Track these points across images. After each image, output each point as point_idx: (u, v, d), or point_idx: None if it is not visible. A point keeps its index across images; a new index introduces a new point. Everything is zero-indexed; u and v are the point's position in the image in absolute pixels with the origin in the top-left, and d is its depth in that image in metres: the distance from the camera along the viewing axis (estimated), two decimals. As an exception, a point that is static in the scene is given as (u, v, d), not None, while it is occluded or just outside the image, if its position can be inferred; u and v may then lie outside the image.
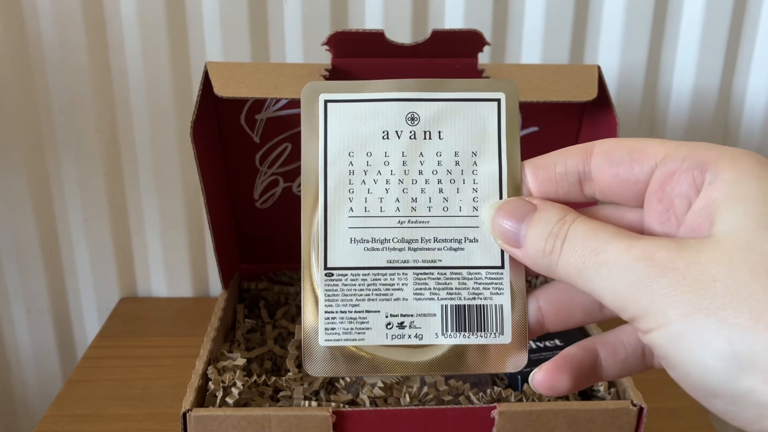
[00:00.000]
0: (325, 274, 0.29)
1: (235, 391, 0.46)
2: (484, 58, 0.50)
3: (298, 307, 0.60)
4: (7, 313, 0.74)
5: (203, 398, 0.45)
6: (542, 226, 0.26)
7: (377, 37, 0.47)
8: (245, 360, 0.49)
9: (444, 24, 0.67)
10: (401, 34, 0.66)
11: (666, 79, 0.71)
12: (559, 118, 0.56)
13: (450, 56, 0.49)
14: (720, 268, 0.22)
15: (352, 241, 0.29)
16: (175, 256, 0.73)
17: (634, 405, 0.42)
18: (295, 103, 0.55)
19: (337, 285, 0.29)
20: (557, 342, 0.52)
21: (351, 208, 0.29)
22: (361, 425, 0.42)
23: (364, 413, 0.42)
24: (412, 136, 0.29)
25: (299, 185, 0.59)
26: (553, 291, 0.29)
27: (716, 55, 0.69)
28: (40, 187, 0.70)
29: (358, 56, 0.49)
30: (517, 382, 0.49)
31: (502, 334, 0.29)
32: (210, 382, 0.46)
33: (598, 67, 0.49)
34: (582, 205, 0.29)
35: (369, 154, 0.29)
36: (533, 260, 0.27)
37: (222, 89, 0.47)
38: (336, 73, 0.49)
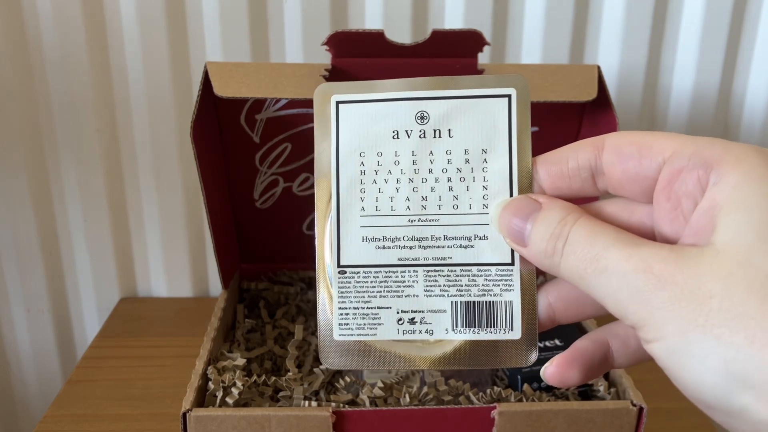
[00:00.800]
0: (339, 272, 0.29)
1: (235, 391, 0.46)
2: (484, 58, 0.51)
3: (298, 307, 0.60)
4: (7, 313, 0.74)
5: (203, 398, 0.45)
6: (545, 226, 0.26)
7: (377, 37, 0.47)
8: (245, 360, 0.49)
9: (444, 24, 0.67)
10: (401, 34, 0.66)
11: (666, 79, 0.71)
12: (559, 118, 0.56)
13: (450, 56, 0.49)
14: (718, 283, 0.22)
15: (364, 240, 0.29)
16: (175, 256, 0.73)
17: (634, 405, 0.42)
18: (295, 103, 0.55)
19: (350, 282, 0.29)
20: (557, 342, 0.52)
21: (363, 208, 0.29)
22: (361, 425, 0.42)
23: (364, 413, 0.42)
24: (422, 135, 0.29)
25: (299, 185, 0.59)
26: (563, 286, 0.29)
27: (716, 55, 0.69)
28: (40, 187, 0.70)
29: (358, 56, 0.49)
30: (517, 382, 0.49)
31: (512, 330, 0.29)
32: (210, 382, 0.46)
33: (598, 67, 0.49)
34: (593, 198, 0.29)
35: (380, 154, 0.30)
36: (537, 259, 0.27)
37: (222, 89, 0.47)
38: (336, 73, 0.49)
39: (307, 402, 0.46)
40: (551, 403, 0.42)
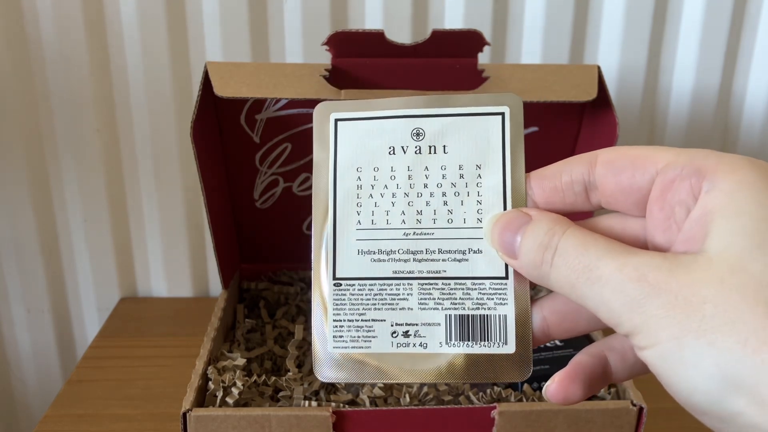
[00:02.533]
0: (334, 284, 0.30)
1: (235, 391, 0.46)
2: (484, 58, 0.51)
3: (298, 307, 0.60)
4: (7, 313, 0.74)
5: (203, 398, 0.45)
6: (533, 237, 0.27)
7: (377, 37, 0.47)
8: (245, 360, 0.49)
9: (444, 24, 0.67)
10: (401, 34, 0.66)
11: (666, 79, 0.71)
12: (559, 118, 0.56)
13: (450, 56, 0.49)
14: (711, 289, 0.22)
15: (360, 253, 0.30)
16: (175, 256, 0.73)
17: (634, 405, 0.42)
18: (295, 103, 0.55)
19: (344, 294, 0.30)
20: (557, 342, 0.52)
21: (359, 221, 0.30)
22: (361, 425, 0.42)
23: (364, 413, 0.42)
24: (418, 151, 0.30)
25: (299, 185, 0.59)
26: (557, 301, 0.29)
27: (716, 55, 0.69)
28: (40, 187, 0.70)
29: (358, 56, 0.49)
30: (517, 382, 0.49)
31: (506, 343, 0.29)
32: (210, 382, 0.46)
33: (598, 67, 0.49)
34: (587, 215, 0.29)
35: (376, 169, 0.30)
36: (527, 271, 0.27)
37: (222, 89, 0.47)
38: (336, 73, 0.49)
39: (307, 402, 0.46)
40: (551, 403, 0.42)
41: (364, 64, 0.49)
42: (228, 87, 0.47)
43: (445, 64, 0.49)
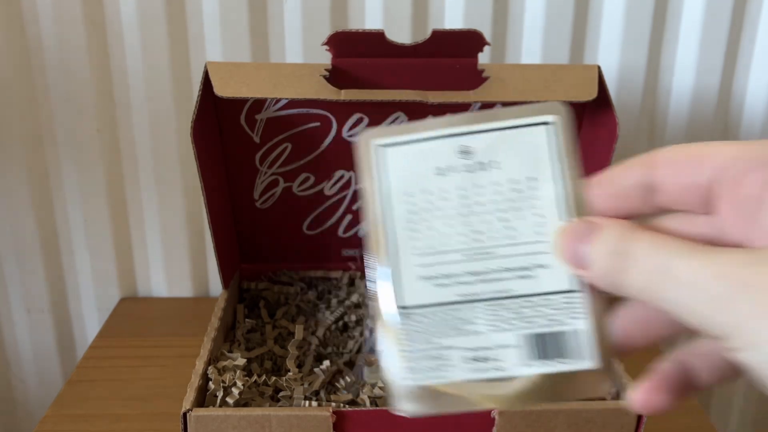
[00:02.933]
0: (399, 315, 0.29)
1: (235, 391, 0.46)
2: (484, 58, 0.51)
3: (298, 307, 0.60)
4: (7, 313, 0.74)
5: (203, 398, 0.45)
6: (604, 245, 0.26)
7: (377, 37, 0.47)
8: (245, 360, 0.49)
9: (444, 24, 0.67)
10: (401, 34, 0.66)
11: (666, 79, 0.71)
12: (559, 118, 0.56)
13: (450, 56, 0.49)
14: None
15: (421, 279, 0.29)
16: (175, 256, 0.73)
17: (634, 405, 0.42)
18: (295, 103, 0.55)
19: (410, 323, 0.29)
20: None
21: (416, 247, 0.29)
22: (361, 425, 0.42)
23: (364, 413, 0.42)
24: (467, 170, 0.29)
25: (299, 185, 0.59)
26: (635, 308, 0.27)
27: (716, 55, 0.69)
28: (40, 187, 0.70)
29: (358, 56, 0.49)
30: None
31: (585, 359, 0.28)
32: (210, 382, 0.46)
33: (598, 67, 0.49)
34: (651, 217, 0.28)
35: (427, 192, 0.29)
36: (601, 281, 0.26)
37: (222, 89, 0.47)
38: (336, 73, 0.49)
39: (307, 402, 0.46)
40: (551, 403, 0.42)
41: (364, 64, 0.49)
42: (228, 87, 0.47)
43: (445, 64, 0.49)
